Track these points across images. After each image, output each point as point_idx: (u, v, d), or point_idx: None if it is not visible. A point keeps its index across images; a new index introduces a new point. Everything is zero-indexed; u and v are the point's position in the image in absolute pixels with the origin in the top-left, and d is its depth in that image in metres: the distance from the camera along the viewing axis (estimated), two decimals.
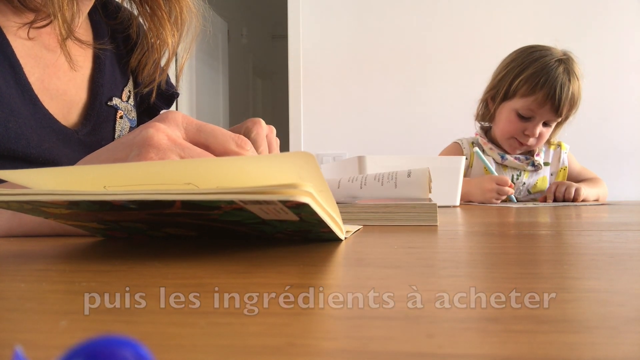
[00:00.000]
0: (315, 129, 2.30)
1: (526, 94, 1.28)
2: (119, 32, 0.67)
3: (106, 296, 0.17)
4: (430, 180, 0.63)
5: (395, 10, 2.28)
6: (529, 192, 1.43)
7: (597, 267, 0.23)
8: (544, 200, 1.34)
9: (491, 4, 2.23)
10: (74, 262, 0.24)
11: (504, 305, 0.16)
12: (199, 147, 0.34)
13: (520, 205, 1.05)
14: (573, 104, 1.28)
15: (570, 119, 1.35)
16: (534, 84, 1.26)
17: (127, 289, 0.18)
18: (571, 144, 1.49)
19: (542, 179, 1.44)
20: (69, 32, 0.51)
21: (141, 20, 0.65)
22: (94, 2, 0.59)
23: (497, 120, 1.39)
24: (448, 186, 0.96)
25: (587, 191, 1.30)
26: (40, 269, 0.22)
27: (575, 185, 1.29)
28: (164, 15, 0.63)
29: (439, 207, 0.51)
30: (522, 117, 1.30)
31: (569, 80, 1.26)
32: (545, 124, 1.32)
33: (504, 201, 1.18)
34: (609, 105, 2.17)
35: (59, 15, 0.50)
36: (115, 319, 0.14)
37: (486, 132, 1.47)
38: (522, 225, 0.50)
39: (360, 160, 0.93)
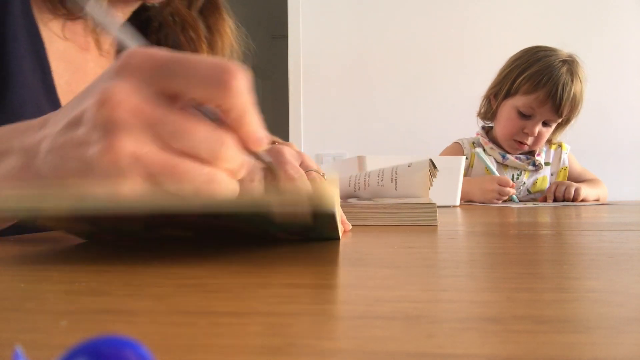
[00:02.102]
0: (315, 129, 2.30)
1: (528, 92, 1.29)
2: (153, 43, 0.67)
3: (106, 296, 0.17)
4: (434, 169, 0.63)
5: (395, 10, 2.28)
6: (529, 192, 1.43)
7: (597, 267, 0.23)
8: (544, 200, 1.34)
9: (492, 5, 2.23)
10: (74, 262, 0.24)
11: (504, 306, 0.16)
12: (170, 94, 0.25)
13: (521, 205, 1.05)
14: (574, 105, 1.28)
15: (572, 122, 1.35)
16: (536, 82, 1.27)
17: (127, 289, 0.18)
18: (571, 144, 1.49)
19: (543, 178, 1.44)
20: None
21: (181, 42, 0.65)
22: (131, 16, 0.59)
23: (498, 118, 1.39)
24: (448, 186, 0.96)
25: (587, 191, 1.30)
26: (40, 269, 0.22)
27: (575, 185, 1.29)
28: (203, 46, 0.64)
29: (439, 207, 0.51)
30: (523, 115, 1.31)
31: (572, 80, 1.27)
32: (545, 124, 1.32)
33: (505, 201, 1.18)
34: (609, 105, 2.17)
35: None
36: (115, 319, 0.14)
37: (487, 132, 1.48)
38: (522, 225, 0.50)
39: (360, 160, 0.93)
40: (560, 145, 1.47)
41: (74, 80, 0.56)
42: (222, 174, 0.26)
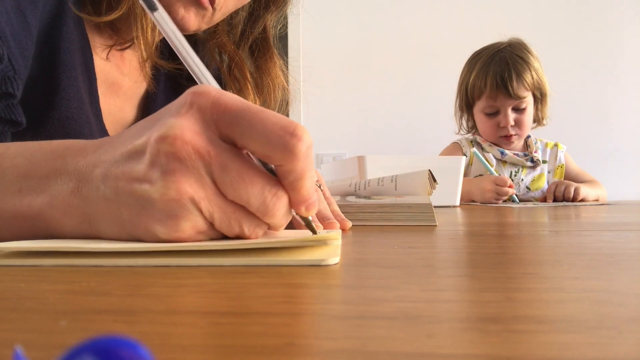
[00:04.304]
0: (315, 129, 2.30)
1: (480, 95, 1.37)
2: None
3: (106, 296, 0.17)
4: (433, 181, 0.63)
5: (395, 10, 2.27)
6: (528, 189, 1.44)
7: (597, 267, 0.23)
8: (544, 200, 1.35)
9: (492, 4, 2.23)
10: (74, 262, 0.24)
11: (504, 306, 0.16)
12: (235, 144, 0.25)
13: (520, 205, 1.05)
14: (528, 82, 1.33)
15: (549, 93, 1.39)
16: (479, 83, 1.36)
17: (127, 289, 0.18)
18: (571, 144, 1.51)
19: (540, 175, 1.45)
20: (149, 54, 0.52)
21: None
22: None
23: (477, 126, 1.47)
24: (448, 186, 0.96)
25: (586, 190, 1.31)
26: (40, 269, 0.22)
27: (574, 184, 1.30)
28: (248, 86, 0.62)
29: (439, 207, 0.51)
30: (490, 115, 1.38)
31: (509, 64, 1.32)
32: (516, 109, 1.36)
33: (505, 201, 1.18)
34: (609, 105, 2.17)
35: (141, 37, 0.50)
36: (115, 319, 0.14)
37: None
38: (522, 225, 0.50)
39: (360, 160, 0.93)
40: (556, 145, 1.50)
41: (109, 92, 0.56)
42: (266, 226, 0.27)
